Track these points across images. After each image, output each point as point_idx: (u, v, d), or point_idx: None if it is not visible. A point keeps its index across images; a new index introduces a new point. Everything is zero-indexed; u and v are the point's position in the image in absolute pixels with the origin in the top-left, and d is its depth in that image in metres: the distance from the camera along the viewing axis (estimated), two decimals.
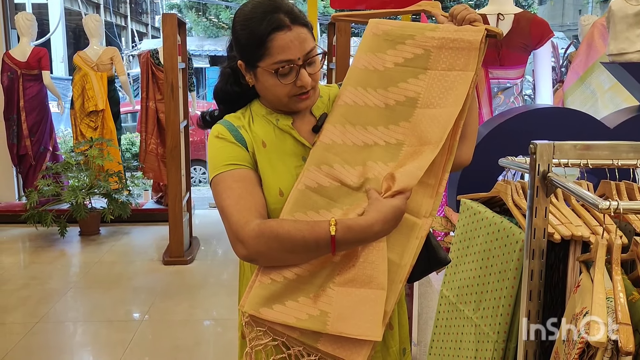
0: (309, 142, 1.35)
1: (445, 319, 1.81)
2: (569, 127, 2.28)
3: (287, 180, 1.30)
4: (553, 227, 1.38)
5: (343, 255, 1.23)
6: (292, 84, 1.28)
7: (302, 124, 1.38)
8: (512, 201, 1.58)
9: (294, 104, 1.32)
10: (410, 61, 1.34)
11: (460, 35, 1.31)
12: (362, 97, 1.34)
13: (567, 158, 1.35)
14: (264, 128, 1.36)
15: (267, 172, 1.31)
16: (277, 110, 1.37)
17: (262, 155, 1.32)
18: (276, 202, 1.29)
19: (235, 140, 1.32)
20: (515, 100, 3.26)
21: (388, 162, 1.30)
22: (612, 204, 1.04)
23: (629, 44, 2.30)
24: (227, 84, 1.41)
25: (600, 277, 1.03)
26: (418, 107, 1.32)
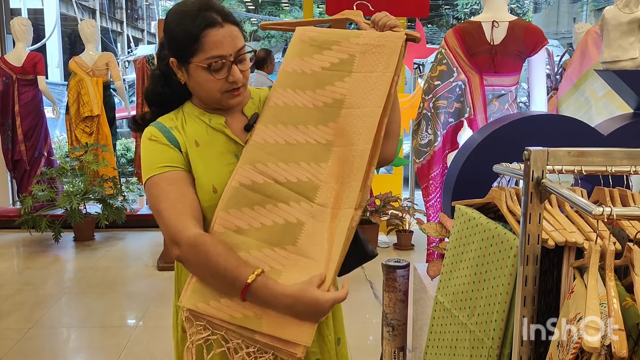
0: (242, 140, 1.40)
1: (439, 325, 1.81)
2: (563, 134, 2.29)
3: (221, 177, 1.35)
4: (547, 233, 1.39)
5: (282, 262, 1.30)
6: (224, 80, 1.33)
7: (234, 123, 1.43)
8: (506, 207, 1.58)
9: (226, 99, 1.37)
10: (336, 65, 1.44)
11: (382, 41, 1.42)
12: (292, 98, 1.42)
13: (561, 164, 1.36)
14: (197, 128, 1.40)
15: (201, 170, 1.35)
16: (209, 110, 1.42)
17: (196, 154, 1.36)
18: (210, 199, 1.34)
19: (168, 142, 1.36)
20: (509, 107, 3.27)
21: (320, 162, 1.39)
22: (606, 210, 1.05)
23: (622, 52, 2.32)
24: (158, 85, 1.44)
25: (593, 282, 1.04)
26: (344, 107, 1.42)
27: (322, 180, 1.37)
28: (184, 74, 1.36)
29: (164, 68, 1.41)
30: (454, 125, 3.29)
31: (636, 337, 0.96)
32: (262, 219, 1.32)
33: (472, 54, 3.24)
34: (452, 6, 20.62)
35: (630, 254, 1.09)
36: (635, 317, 0.99)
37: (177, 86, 1.41)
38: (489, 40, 3.24)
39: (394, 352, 2.92)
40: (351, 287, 1.22)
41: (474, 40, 3.24)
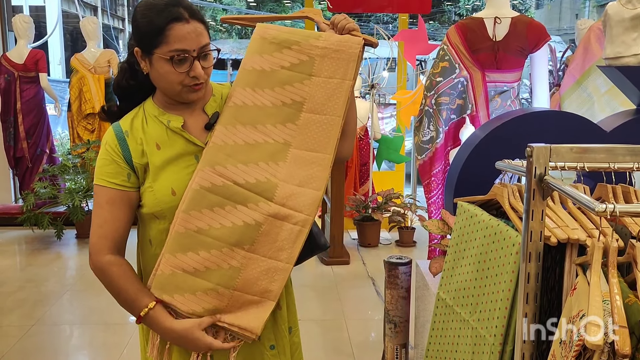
0: (201, 141, 1.42)
1: (441, 322, 1.81)
2: (565, 130, 2.28)
3: (180, 179, 1.39)
4: (549, 230, 1.38)
5: (245, 262, 1.38)
6: (186, 74, 1.35)
7: (194, 122, 1.44)
8: (508, 204, 1.58)
9: (186, 94, 1.39)
10: (296, 66, 1.45)
11: (341, 46, 1.45)
12: (251, 97, 1.44)
13: (564, 161, 1.35)
14: (157, 130, 1.42)
15: (161, 173, 1.39)
16: (169, 108, 1.43)
17: (156, 157, 1.39)
18: (169, 201, 1.38)
19: (117, 152, 1.40)
20: (512, 103, 3.26)
21: (278, 161, 1.42)
22: (609, 207, 1.04)
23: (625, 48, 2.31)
24: (124, 78, 1.46)
25: (596, 279, 1.04)
26: (304, 111, 1.45)
27: (279, 179, 1.41)
28: (147, 65, 1.38)
29: (131, 59, 1.43)
30: (456, 122, 3.29)
31: (639, 334, 0.96)
32: (221, 220, 1.37)
33: (474, 50, 3.23)
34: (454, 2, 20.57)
35: (633, 250, 1.08)
36: (639, 314, 0.98)
37: (143, 78, 1.43)
38: (491, 37, 3.23)
39: (396, 349, 2.92)
40: (353, 284, 1.22)
41: (476, 37, 3.23)
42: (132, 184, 1.40)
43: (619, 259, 1.12)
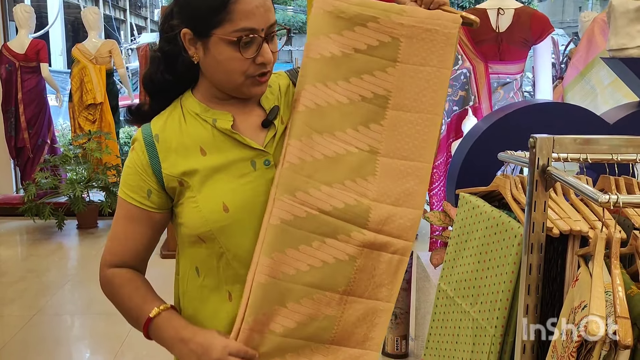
0: (257, 142, 1.14)
1: (442, 313, 1.81)
2: (568, 122, 2.27)
3: (234, 192, 1.12)
4: (552, 222, 1.38)
5: (341, 308, 1.14)
6: (251, 60, 1.08)
7: (248, 119, 1.17)
8: (510, 195, 1.57)
9: (249, 87, 1.12)
10: (375, 50, 1.14)
11: (434, 24, 1.14)
12: (323, 95, 1.15)
13: (567, 152, 1.34)
14: (200, 130, 1.15)
15: (208, 184, 1.12)
16: (216, 103, 1.16)
17: (201, 165, 1.12)
18: (220, 220, 1.11)
19: (143, 163, 1.15)
20: (514, 95, 3.25)
21: (367, 176, 1.14)
22: (612, 198, 1.04)
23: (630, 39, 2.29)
24: (158, 71, 1.18)
25: (599, 270, 1.03)
26: (389, 108, 1.15)
27: (371, 199, 1.13)
28: (200, 50, 1.10)
29: (168, 46, 1.15)
30: (459, 114, 3.28)
31: None
32: (309, 260, 1.11)
33: (478, 41, 3.22)
34: None
35: (636, 241, 1.08)
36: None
37: (183, 70, 1.16)
38: (494, 28, 3.22)
39: (396, 341, 2.93)
40: None
41: (479, 28, 3.21)
42: (152, 203, 1.16)
43: (622, 251, 1.11)
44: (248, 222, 1.12)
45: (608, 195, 1.04)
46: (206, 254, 1.15)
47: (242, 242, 1.13)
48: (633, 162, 1.50)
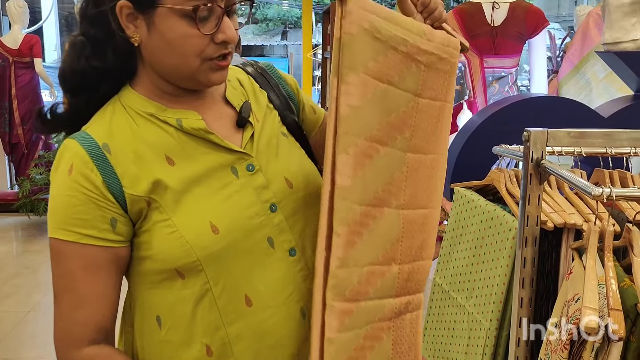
0: (236, 145, 0.94)
1: (438, 307, 1.81)
2: (563, 116, 2.27)
3: (219, 208, 0.90)
4: (546, 215, 1.38)
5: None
6: (210, 38, 0.87)
7: (216, 118, 0.96)
8: (505, 189, 1.58)
9: (206, 73, 0.89)
10: (403, 81, 0.93)
11: (445, 53, 0.98)
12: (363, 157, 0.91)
13: (561, 145, 1.35)
14: (160, 135, 0.91)
15: (185, 201, 0.89)
16: (169, 100, 0.93)
17: (172, 177, 0.89)
18: (211, 244, 0.88)
19: (94, 186, 0.86)
20: (509, 89, 3.26)
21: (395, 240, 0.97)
22: (605, 191, 1.04)
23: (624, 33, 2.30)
24: (81, 58, 0.91)
25: (592, 263, 1.03)
26: (409, 151, 0.97)
27: (398, 263, 0.98)
28: (141, 28, 0.87)
29: (94, 29, 0.89)
30: (454, 108, 3.28)
31: (634, 318, 0.96)
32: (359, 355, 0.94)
33: (472, 35, 3.22)
34: None
35: (629, 234, 1.08)
36: (634, 297, 0.98)
37: (115, 58, 0.90)
38: (489, 22, 3.22)
39: None
40: None
41: (474, 22, 3.22)
42: (119, 236, 0.88)
43: (615, 244, 1.11)
44: (241, 244, 0.91)
45: (601, 189, 1.04)
46: (178, 296, 0.91)
47: (235, 271, 0.91)
48: (627, 156, 1.51)
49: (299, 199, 0.97)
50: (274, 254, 0.94)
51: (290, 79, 1.12)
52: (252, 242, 0.92)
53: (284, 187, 0.96)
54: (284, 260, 0.95)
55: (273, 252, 0.94)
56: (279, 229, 0.95)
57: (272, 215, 0.94)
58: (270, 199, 0.94)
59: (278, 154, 0.99)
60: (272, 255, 0.94)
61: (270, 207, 0.94)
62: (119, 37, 0.88)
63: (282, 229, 0.95)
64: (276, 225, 0.94)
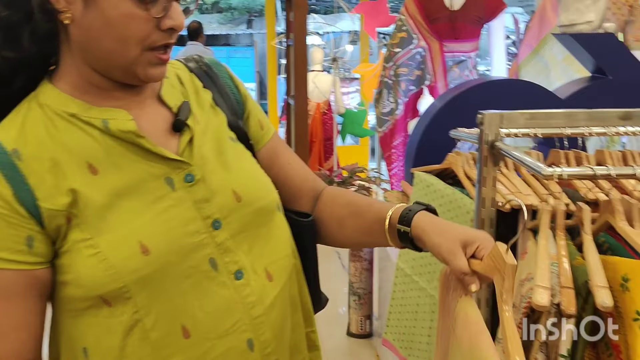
0: (171, 151, 0.82)
1: (401, 291, 1.82)
2: (522, 98, 2.29)
3: (151, 225, 0.78)
4: (503, 197, 1.39)
5: None
6: (155, 24, 0.77)
7: (149, 120, 0.83)
8: (463, 172, 1.59)
9: (145, 67, 0.79)
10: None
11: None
12: None
13: (516, 127, 1.35)
14: (82, 139, 0.78)
15: (110, 218, 0.77)
16: (97, 97, 0.80)
17: (95, 189, 0.77)
18: (140, 267, 0.77)
19: (7, 198, 0.74)
20: (470, 73, 3.28)
21: None
22: (556, 170, 1.05)
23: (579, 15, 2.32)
24: None
25: (544, 242, 1.05)
26: None
27: None
28: (76, 4, 0.75)
29: (7, 10, 0.76)
30: (415, 93, 3.29)
31: (585, 295, 0.97)
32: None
33: (432, 20, 3.23)
34: None
35: (580, 213, 1.10)
36: (585, 275, 1.00)
37: (31, 44, 0.78)
38: (448, 6, 3.23)
39: (360, 321, 2.95)
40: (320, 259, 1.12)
41: (433, 6, 3.23)
42: (37, 257, 0.76)
43: (569, 222, 1.13)
44: (177, 267, 0.79)
45: (552, 168, 1.05)
46: (105, 325, 0.79)
47: (170, 298, 0.79)
48: (582, 136, 1.53)
49: (248, 215, 0.86)
50: (217, 278, 0.82)
51: (238, 81, 0.99)
52: (190, 264, 0.80)
53: (230, 201, 0.85)
54: (228, 285, 0.83)
55: (216, 275, 0.82)
56: (224, 249, 0.83)
57: (216, 233, 0.83)
58: (213, 214, 0.83)
59: (226, 163, 0.87)
60: (215, 279, 0.82)
61: (213, 223, 0.83)
62: (39, 18, 0.76)
63: (227, 249, 0.83)
64: (220, 244, 0.83)
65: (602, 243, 1.14)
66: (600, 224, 1.10)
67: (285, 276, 0.91)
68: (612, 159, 1.57)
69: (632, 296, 0.94)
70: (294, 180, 1.01)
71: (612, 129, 1.49)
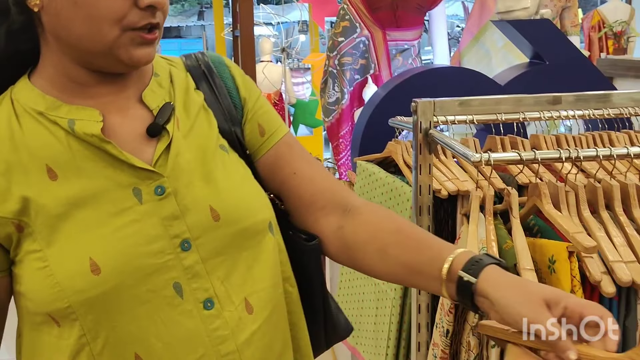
0: (143, 159, 0.75)
1: (347, 280, 1.83)
2: (463, 86, 2.32)
3: (106, 241, 0.71)
4: (440, 184, 1.41)
5: None
6: (131, 2, 0.70)
7: (124, 121, 0.76)
8: (402, 160, 1.60)
9: (127, 48, 0.72)
10: None
11: None
12: None
13: (449, 114, 1.37)
14: (46, 139, 0.72)
15: (64, 229, 0.71)
16: (72, 91, 0.75)
17: (51, 195, 0.71)
18: (87, 287, 0.70)
19: None
20: (413, 61, 3.30)
21: None
22: (484, 156, 1.07)
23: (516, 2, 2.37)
24: None
25: (473, 227, 1.07)
26: None
27: None
28: None
29: None
30: (360, 82, 3.29)
31: None
32: None
33: (374, 8, 3.23)
34: None
35: (509, 197, 1.12)
36: (514, 258, 1.02)
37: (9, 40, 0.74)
38: None
39: None
40: None
41: None
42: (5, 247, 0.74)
43: (498, 207, 1.15)
44: (132, 290, 0.72)
45: (480, 155, 1.07)
46: (55, 346, 0.74)
47: (121, 323, 0.73)
48: (517, 121, 1.56)
49: (226, 237, 0.77)
50: (182, 305, 0.74)
51: (242, 83, 0.89)
52: (149, 287, 0.73)
53: (205, 219, 0.76)
54: (195, 314, 0.75)
55: (181, 303, 0.74)
56: (192, 274, 0.75)
57: (184, 255, 0.74)
58: (181, 233, 0.74)
59: (208, 175, 0.78)
60: (179, 307, 0.74)
61: (182, 244, 0.74)
62: (14, 10, 0.71)
63: (195, 274, 0.75)
64: (188, 267, 0.74)
65: (533, 226, 1.17)
66: (528, 207, 1.13)
67: (269, 308, 0.81)
68: (547, 143, 1.61)
69: (559, 277, 0.97)
70: (302, 194, 0.88)
71: (546, 114, 1.53)
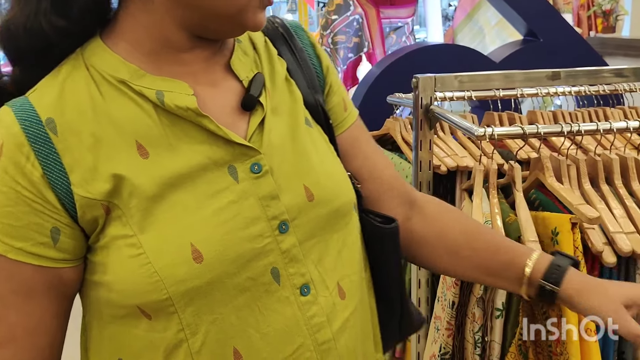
0: (239, 134, 0.67)
1: None
2: (458, 63, 2.32)
3: (207, 225, 0.64)
4: (440, 160, 1.41)
5: None
6: None
7: (214, 93, 0.69)
8: (400, 137, 1.60)
9: (255, 11, 0.65)
10: None
11: None
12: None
13: (450, 90, 1.37)
14: (133, 112, 0.64)
15: (160, 212, 0.63)
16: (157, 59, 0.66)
17: (143, 175, 0.63)
18: (190, 277, 0.63)
19: (29, 180, 0.61)
20: (407, 39, 3.29)
21: None
22: (487, 131, 1.07)
23: None
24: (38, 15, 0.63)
25: (478, 201, 1.07)
26: None
27: None
28: None
29: None
30: (354, 61, 3.28)
31: None
32: None
33: None
34: None
35: (511, 172, 1.13)
36: (518, 231, 1.03)
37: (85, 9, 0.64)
38: None
39: None
40: None
41: None
42: (62, 253, 0.63)
43: (501, 181, 1.16)
44: (234, 278, 0.65)
45: (484, 129, 1.07)
46: (145, 339, 0.66)
47: (222, 315, 0.65)
48: (515, 97, 1.57)
49: (320, 217, 0.71)
50: (279, 292, 0.68)
51: (321, 50, 0.82)
52: (249, 275, 0.66)
53: (301, 199, 0.69)
54: (292, 302, 0.68)
55: (277, 289, 0.68)
56: (289, 258, 0.68)
57: (281, 237, 0.68)
58: (280, 214, 0.68)
59: (299, 152, 0.71)
60: (275, 294, 0.67)
61: (280, 226, 0.68)
62: None
63: (293, 258, 0.68)
64: (285, 251, 0.68)
65: (534, 200, 1.17)
66: (530, 181, 1.13)
67: (359, 294, 0.76)
68: (544, 118, 1.62)
69: (562, 247, 0.98)
70: (382, 177, 0.84)
71: (543, 90, 1.54)
